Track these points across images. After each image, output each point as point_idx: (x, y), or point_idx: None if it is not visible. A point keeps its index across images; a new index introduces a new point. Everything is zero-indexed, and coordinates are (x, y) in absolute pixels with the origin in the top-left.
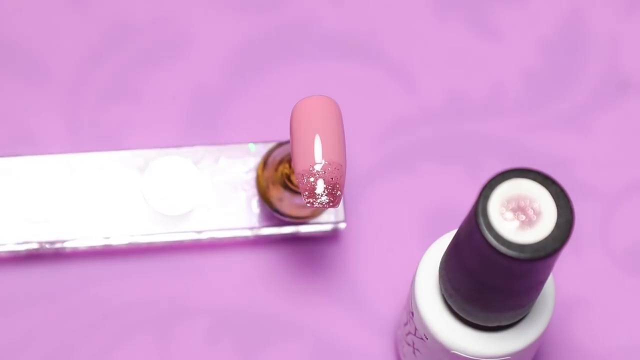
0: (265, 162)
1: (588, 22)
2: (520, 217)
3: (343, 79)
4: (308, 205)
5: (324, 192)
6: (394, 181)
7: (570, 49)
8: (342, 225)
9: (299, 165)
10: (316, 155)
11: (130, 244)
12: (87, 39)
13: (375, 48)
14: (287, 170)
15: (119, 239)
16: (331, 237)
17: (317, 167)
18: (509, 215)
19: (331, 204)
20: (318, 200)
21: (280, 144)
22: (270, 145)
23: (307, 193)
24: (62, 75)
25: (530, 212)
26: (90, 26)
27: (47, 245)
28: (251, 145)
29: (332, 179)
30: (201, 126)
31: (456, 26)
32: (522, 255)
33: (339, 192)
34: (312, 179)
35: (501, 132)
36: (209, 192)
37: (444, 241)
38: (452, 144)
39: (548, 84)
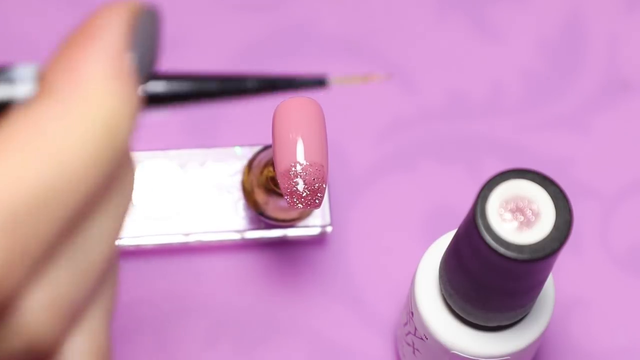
0: (250, 165)
1: (588, 22)
2: (518, 218)
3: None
4: (289, 205)
5: (304, 192)
6: (394, 181)
7: (570, 49)
8: (329, 229)
9: (280, 165)
10: (298, 155)
11: (119, 246)
12: None
13: (375, 48)
14: (272, 174)
15: None
16: (327, 238)
17: (299, 168)
18: (508, 216)
19: (313, 205)
20: (299, 201)
21: (266, 147)
22: (256, 149)
23: (288, 194)
24: None
25: (529, 212)
26: None
27: None
28: (237, 149)
29: (313, 179)
30: (200, 127)
31: (456, 26)
32: (520, 256)
33: (320, 193)
34: (293, 180)
35: (501, 132)
36: (194, 195)
37: (444, 241)
38: (452, 144)
39: (548, 84)
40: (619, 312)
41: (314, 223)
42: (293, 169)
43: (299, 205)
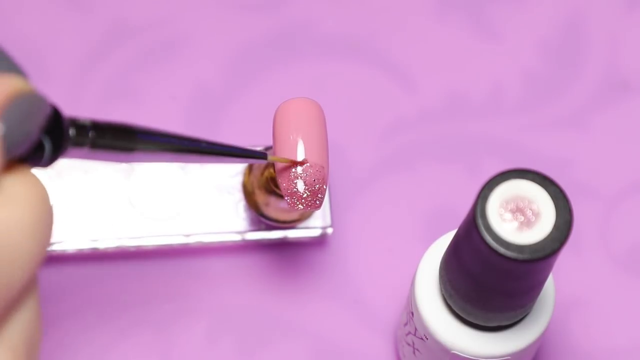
0: (251, 166)
1: (588, 22)
2: (519, 218)
3: (343, 80)
4: (290, 206)
5: (305, 193)
6: (394, 181)
7: (570, 49)
8: (330, 230)
9: (281, 166)
10: (298, 156)
11: (119, 247)
12: (87, 39)
13: (375, 48)
14: (272, 175)
15: (106, 242)
16: (327, 239)
17: (299, 169)
18: (508, 216)
19: (314, 206)
20: (299, 202)
21: (267, 148)
22: (257, 150)
23: (288, 195)
24: (62, 76)
25: (529, 213)
26: (90, 26)
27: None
28: None
29: (314, 180)
30: (200, 127)
31: (456, 26)
32: (520, 256)
33: (320, 194)
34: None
35: (501, 132)
36: (195, 196)
37: (444, 241)
38: (452, 144)
39: (548, 84)
40: (619, 312)
41: (315, 224)
42: (293, 170)
43: (300, 206)
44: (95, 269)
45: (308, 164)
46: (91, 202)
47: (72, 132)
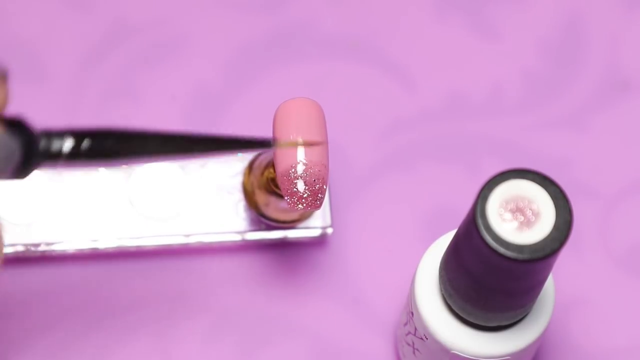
0: (251, 166)
1: (588, 22)
2: (518, 218)
3: (343, 79)
4: (290, 207)
5: (305, 192)
6: (394, 181)
7: (570, 49)
8: (330, 230)
9: (281, 165)
10: (298, 156)
11: (119, 247)
12: (87, 39)
13: (375, 48)
14: (272, 175)
15: (106, 242)
16: (327, 239)
17: (299, 169)
18: (508, 216)
19: (314, 206)
20: (300, 202)
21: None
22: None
23: (288, 195)
24: (62, 76)
25: (529, 212)
26: (90, 26)
27: (33, 248)
28: None
29: (314, 180)
30: (200, 127)
31: (456, 26)
32: (520, 256)
33: (321, 194)
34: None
35: (501, 132)
36: (195, 196)
37: (444, 241)
38: (452, 144)
39: (548, 84)
40: (619, 312)
41: (315, 224)
42: (293, 170)
43: (300, 206)
44: (95, 269)
45: (308, 164)
46: (91, 202)
47: (65, 144)
